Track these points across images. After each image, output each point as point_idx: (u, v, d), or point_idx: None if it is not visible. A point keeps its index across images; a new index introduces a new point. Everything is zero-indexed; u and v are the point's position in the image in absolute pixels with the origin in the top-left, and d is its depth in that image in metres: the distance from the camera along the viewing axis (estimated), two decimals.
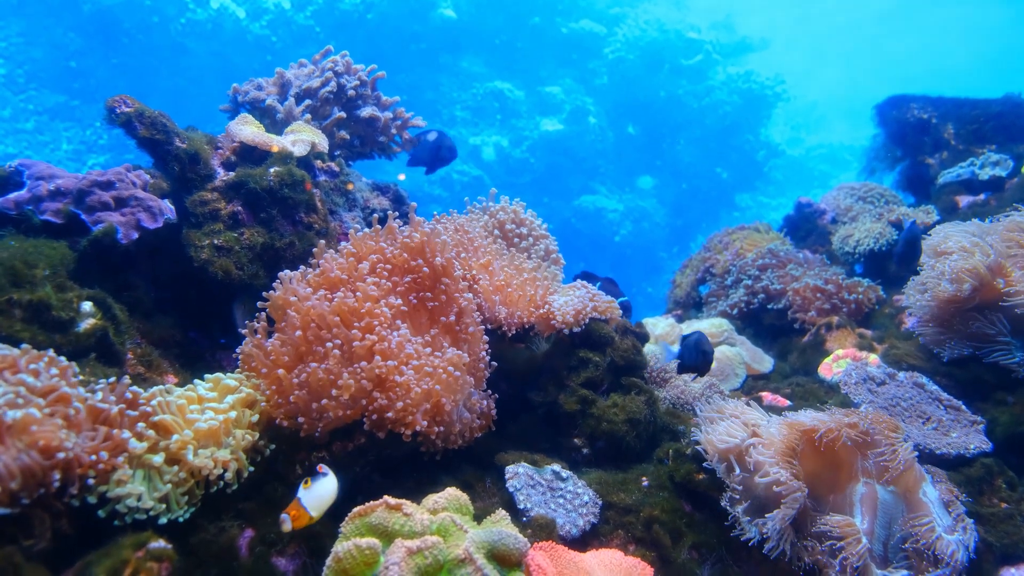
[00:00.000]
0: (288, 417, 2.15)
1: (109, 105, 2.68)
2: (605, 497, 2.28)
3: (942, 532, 1.99)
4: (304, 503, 1.78)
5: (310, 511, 1.78)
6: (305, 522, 1.78)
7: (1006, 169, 4.37)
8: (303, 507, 1.78)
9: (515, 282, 2.79)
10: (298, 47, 14.60)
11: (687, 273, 5.05)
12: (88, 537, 1.71)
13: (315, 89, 3.50)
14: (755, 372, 3.67)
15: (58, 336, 2.13)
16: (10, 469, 1.55)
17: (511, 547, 1.69)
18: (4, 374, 1.70)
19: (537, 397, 2.79)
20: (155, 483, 1.82)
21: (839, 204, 5.01)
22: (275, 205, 2.84)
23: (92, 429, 1.76)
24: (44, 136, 13.78)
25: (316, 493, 1.81)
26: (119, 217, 2.54)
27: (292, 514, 1.76)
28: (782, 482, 1.99)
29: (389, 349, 2.16)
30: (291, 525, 1.76)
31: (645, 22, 17.90)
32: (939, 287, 2.96)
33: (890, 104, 5.32)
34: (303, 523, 1.78)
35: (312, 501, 1.79)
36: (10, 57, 13.69)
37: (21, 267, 2.17)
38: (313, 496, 1.80)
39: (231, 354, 2.82)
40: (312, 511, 1.79)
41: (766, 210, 18.42)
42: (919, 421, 2.78)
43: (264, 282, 2.71)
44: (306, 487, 1.81)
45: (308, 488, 1.81)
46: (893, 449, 2.13)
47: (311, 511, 1.79)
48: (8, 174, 2.54)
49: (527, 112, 16.65)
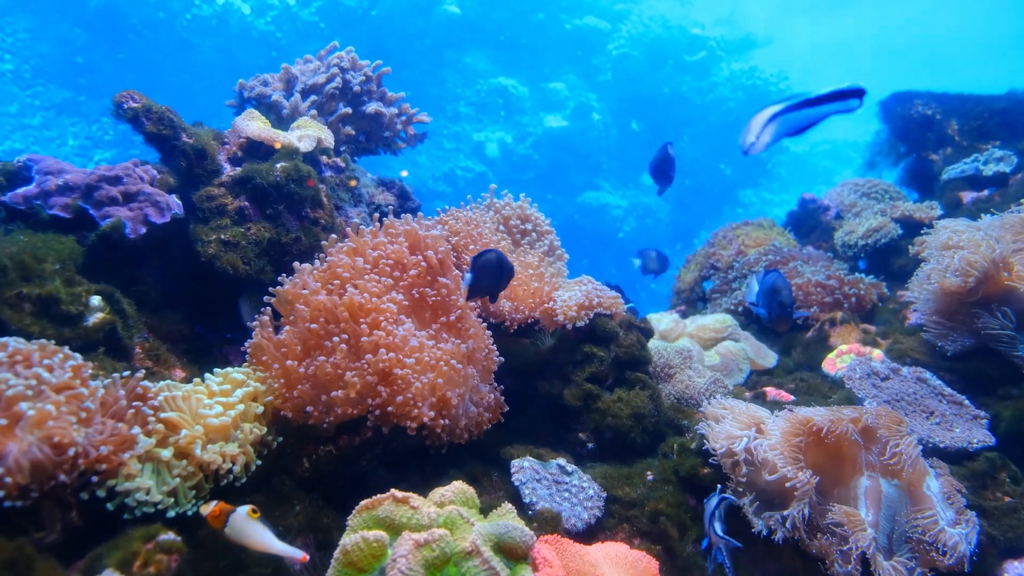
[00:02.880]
0: (296, 410, 2.16)
1: (116, 101, 2.69)
2: (610, 491, 2.29)
3: (945, 525, 2.00)
4: (234, 516, 1.69)
5: (230, 525, 1.69)
6: (216, 520, 1.69)
7: (1010, 165, 4.37)
8: (229, 517, 1.69)
9: (520, 277, 2.80)
10: (303, 43, 14.63)
11: (691, 269, 5.05)
12: (98, 530, 1.73)
13: (321, 85, 3.51)
14: (759, 367, 3.67)
15: (67, 330, 2.15)
16: (20, 463, 1.57)
17: (517, 540, 1.70)
18: (17, 367, 1.71)
19: (542, 392, 2.81)
20: (164, 477, 1.84)
21: (843, 200, 5.00)
22: (281, 200, 2.85)
23: (103, 424, 1.78)
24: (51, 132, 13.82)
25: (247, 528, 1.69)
26: (127, 212, 2.55)
27: (215, 511, 1.69)
28: (791, 478, 2.00)
29: (394, 343, 2.17)
30: (206, 512, 1.71)
31: (649, 18, 17.88)
32: (944, 280, 2.96)
33: (894, 100, 5.31)
34: (215, 519, 1.69)
35: (239, 526, 1.69)
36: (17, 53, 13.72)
37: (30, 261, 2.19)
38: (243, 525, 1.69)
39: (238, 348, 2.83)
40: (232, 527, 1.69)
41: (770, 206, 18.40)
42: (923, 416, 2.78)
43: (271, 277, 2.72)
44: (253, 515, 1.69)
45: (250, 517, 1.69)
46: (897, 444, 2.14)
47: (231, 527, 1.69)
48: (16, 169, 2.56)
49: (531, 108, 16.65)
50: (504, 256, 2.43)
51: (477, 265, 2.39)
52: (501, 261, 2.41)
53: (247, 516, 1.69)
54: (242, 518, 1.69)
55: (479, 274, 2.37)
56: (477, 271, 2.38)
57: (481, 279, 2.38)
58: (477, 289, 2.42)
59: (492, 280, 2.42)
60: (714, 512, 2.02)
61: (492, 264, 2.40)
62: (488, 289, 2.44)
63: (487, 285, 2.42)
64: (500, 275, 2.42)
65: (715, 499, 2.06)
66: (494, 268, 2.40)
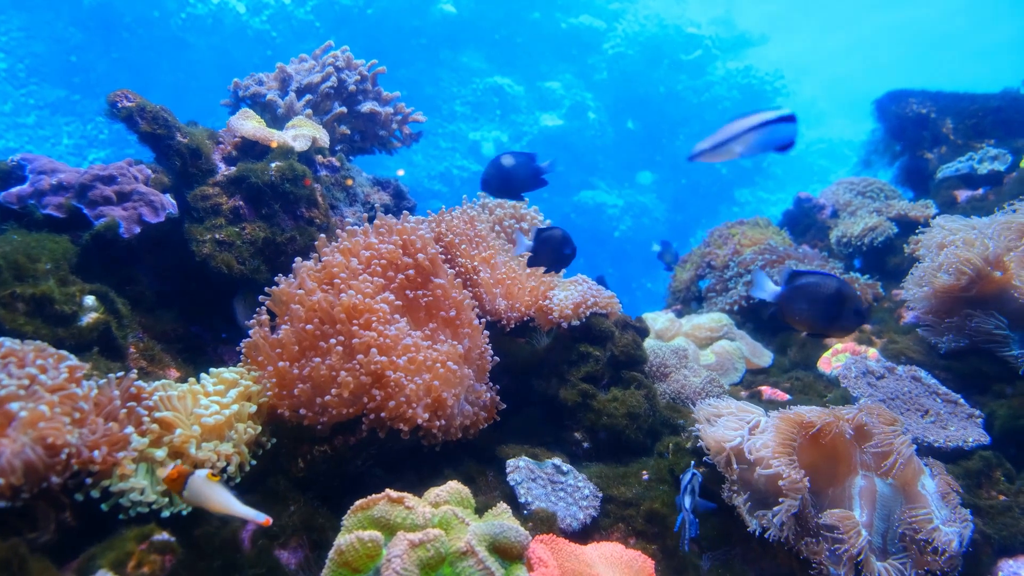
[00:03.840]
0: (291, 409, 2.16)
1: (111, 100, 2.69)
2: (606, 490, 2.29)
3: (940, 524, 2.00)
4: (192, 479, 1.68)
5: (188, 488, 1.67)
6: (174, 483, 1.69)
7: (1004, 163, 4.38)
8: (188, 480, 1.68)
9: (516, 276, 2.80)
10: (298, 42, 14.60)
11: (687, 268, 5.06)
12: (92, 530, 1.73)
13: (316, 84, 3.51)
14: (755, 366, 3.68)
15: (61, 330, 2.14)
16: (12, 464, 1.56)
17: (512, 540, 1.70)
18: (10, 368, 1.71)
19: (538, 391, 2.81)
20: (158, 476, 1.83)
21: (838, 199, 5.01)
22: (276, 200, 2.84)
23: (97, 424, 1.77)
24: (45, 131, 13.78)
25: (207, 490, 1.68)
26: (121, 211, 2.54)
27: (173, 473, 1.69)
28: (784, 476, 2.00)
29: (386, 344, 2.17)
30: (163, 475, 1.72)
31: (644, 17, 17.89)
32: (938, 279, 2.97)
33: (889, 99, 5.32)
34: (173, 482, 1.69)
35: (198, 488, 1.67)
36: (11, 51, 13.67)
37: (24, 261, 2.18)
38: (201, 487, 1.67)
39: (232, 348, 2.83)
40: (190, 490, 1.67)
41: (765, 205, 18.43)
42: (918, 414, 2.79)
43: (265, 277, 2.72)
44: (212, 478, 1.69)
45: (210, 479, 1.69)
46: (890, 442, 2.15)
47: (189, 490, 1.67)
48: (10, 168, 2.55)
49: (527, 107, 16.65)
50: (569, 235, 2.45)
51: (540, 238, 2.40)
52: (566, 239, 2.43)
53: (206, 479, 1.69)
54: (201, 480, 1.68)
55: (540, 246, 2.39)
56: (539, 243, 2.39)
57: (541, 251, 2.40)
58: (536, 260, 2.44)
59: (553, 255, 2.43)
60: (686, 487, 2.02)
61: (556, 240, 2.41)
62: (549, 262, 2.46)
63: (547, 259, 2.45)
64: (562, 251, 2.44)
65: (688, 474, 2.06)
66: (557, 243, 2.41)
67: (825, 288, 2.32)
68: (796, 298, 2.34)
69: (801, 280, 2.34)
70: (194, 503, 1.70)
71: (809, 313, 2.33)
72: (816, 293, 2.31)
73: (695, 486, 2.01)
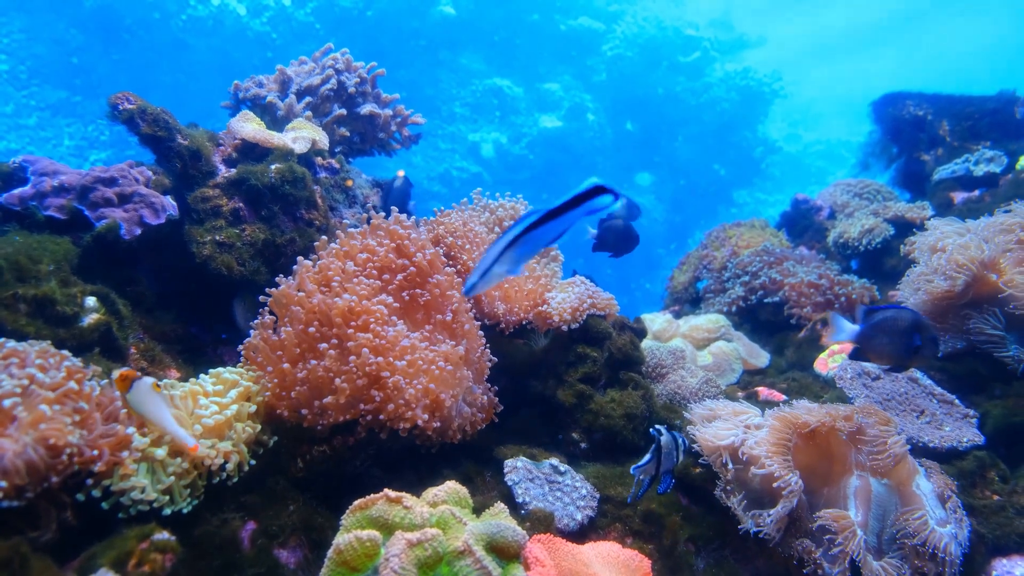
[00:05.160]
0: (290, 410, 2.18)
1: (112, 102, 2.70)
2: (603, 490, 2.31)
3: (935, 525, 2.02)
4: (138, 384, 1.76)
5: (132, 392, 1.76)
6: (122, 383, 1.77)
7: (1000, 165, 4.40)
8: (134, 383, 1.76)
9: (514, 278, 2.81)
10: (298, 44, 14.61)
11: (685, 269, 5.08)
12: (93, 529, 1.74)
13: (316, 86, 3.52)
14: (751, 367, 3.70)
15: (62, 331, 2.16)
16: (15, 464, 1.57)
17: (510, 539, 1.72)
18: (11, 368, 1.72)
19: (536, 392, 2.82)
20: (159, 475, 1.85)
21: (836, 200, 5.03)
22: (276, 202, 2.86)
23: (98, 424, 1.79)
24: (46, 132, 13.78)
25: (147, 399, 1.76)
26: (122, 213, 2.56)
27: (123, 374, 1.77)
28: (777, 476, 2.02)
29: (383, 345, 2.18)
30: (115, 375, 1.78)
31: (643, 19, 17.91)
32: (933, 284, 2.98)
33: (886, 101, 5.34)
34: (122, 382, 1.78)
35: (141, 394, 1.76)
36: (12, 53, 13.68)
37: (26, 262, 2.20)
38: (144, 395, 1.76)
39: (232, 349, 2.84)
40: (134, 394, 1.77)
41: (763, 206, 18.46)
42: (913, 415, 2.81)
43: (265, 278, 2.73)
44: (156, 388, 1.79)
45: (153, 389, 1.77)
46: (885, 442, 2.16)
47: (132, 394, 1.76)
48: (12, 170, 2.56)
49: (526, 109, 16.66)
50: (632, 226, 2.53)
51: (603, 227, 2.48)
52: (629, 229, 2.51)
53: (150, 387, 1.77)
54: (145, 387, 1.77)
55: (603, 234, 2.48)
56: (601, 231, 2.48)
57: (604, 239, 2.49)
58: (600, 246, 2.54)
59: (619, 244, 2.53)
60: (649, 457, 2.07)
61: (617, 230, 2.50)
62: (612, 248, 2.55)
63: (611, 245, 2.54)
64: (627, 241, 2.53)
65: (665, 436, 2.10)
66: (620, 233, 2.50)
67: (902, 321, 2.40)
68: (876, 334, 2.42)
69: (878, 316, 2.43)
70: (135, 408, 1.78)
71: (891, 347, 2.41)
72: (895, 326, 2.40)
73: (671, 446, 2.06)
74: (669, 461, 2.05)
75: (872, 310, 2.46)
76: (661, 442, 2.03)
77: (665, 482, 2.07)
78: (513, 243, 1.43)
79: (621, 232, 2.68)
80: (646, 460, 2.03)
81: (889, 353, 2.43)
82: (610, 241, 2.74)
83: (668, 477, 2.07)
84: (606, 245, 2.75)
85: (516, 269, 1.48)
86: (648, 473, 2.06)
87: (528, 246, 1.45)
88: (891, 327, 2.39)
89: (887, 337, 2.40)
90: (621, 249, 2.72)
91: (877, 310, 2.45)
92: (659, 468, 2.04)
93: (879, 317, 2.42)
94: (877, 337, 2.41)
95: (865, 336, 2.43)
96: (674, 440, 2.07)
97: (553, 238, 1.48)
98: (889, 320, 2.41)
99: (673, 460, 2.06)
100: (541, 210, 1.44)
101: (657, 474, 2.06)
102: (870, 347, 2.44)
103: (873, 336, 2.41)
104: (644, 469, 2.04)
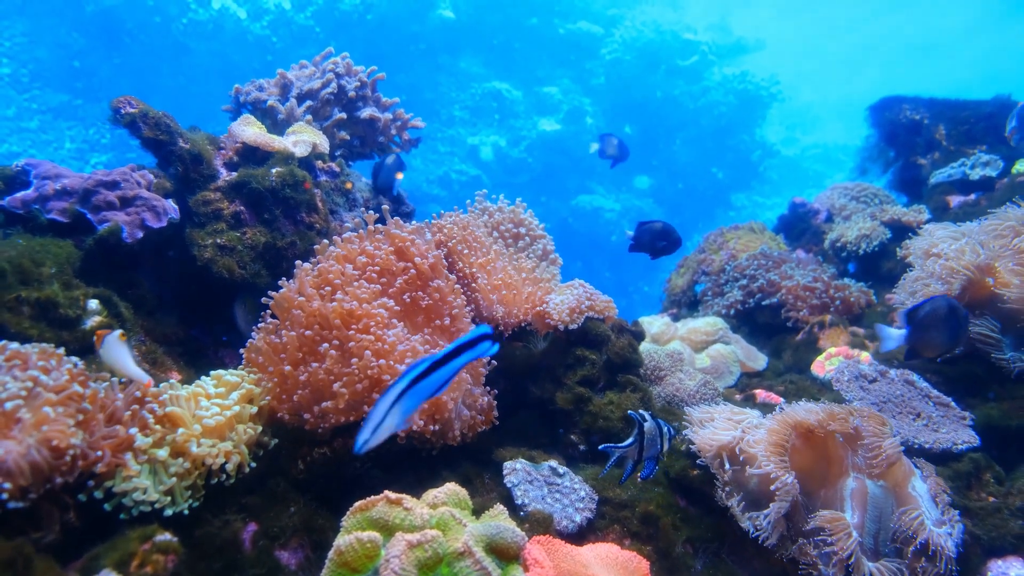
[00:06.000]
0: (292, 413, 2.19)
1: (114, 105, 2.72)
2: (601, 492, 2.32)
3: (931, 526, 2.03)
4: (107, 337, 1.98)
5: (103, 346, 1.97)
6: (97, 339, 1.99)
7: (996, 169, 4.42)
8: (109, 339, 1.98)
9: (513, 281, 2.83)
10: (298, 47, 14.63)
11: (683, 272, 5.10)
12: (96, 530, 1.75)
13: (316, 90, 3.54)
14: (749, 370, 3.71)
15: (65, 333, 2.17)
16: (19, 465, 1.59)
17: (509, 540, 1.73)
18: (14, 371, 1.74)
19: (534, 394, 2.84)
20: (160, 476, 1.86)
21: (833, 204, 5.05)
22: (277, 205, 2.88)
23: (101, 426, 1.80)
24: (48, 135, 13.79)
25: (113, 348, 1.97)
26: (124, 216, 2.58)
27: (99, 333, 2.01)
28: (774, 476, 2.03)
29: (383, 349, 2.20)
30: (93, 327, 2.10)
31: (642, 23, 17.93)
32: (930, 287, 3.00)
33: (883, 105, 5.37)
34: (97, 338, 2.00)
35: (109, 345, 1.97)
36: (14, 57, 13.69)
37: (29, 265, 2.21)
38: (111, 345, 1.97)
39: (233, 352, 2.86)
40: (104, 347, 1.97)
41: (761, 210, 18.47)
42: (909, 417, 2.82)
43: (266, 281, 2.75)
44: (122, 337, 2.00)
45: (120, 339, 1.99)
46: (880, 444, 2.18)
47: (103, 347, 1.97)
48: (15, 173, 2.58)
49: (525, 112, 16.68)
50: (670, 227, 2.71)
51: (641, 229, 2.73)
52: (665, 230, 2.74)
53: (116, 338, 1.98)
54: (112, 338, 1.98)
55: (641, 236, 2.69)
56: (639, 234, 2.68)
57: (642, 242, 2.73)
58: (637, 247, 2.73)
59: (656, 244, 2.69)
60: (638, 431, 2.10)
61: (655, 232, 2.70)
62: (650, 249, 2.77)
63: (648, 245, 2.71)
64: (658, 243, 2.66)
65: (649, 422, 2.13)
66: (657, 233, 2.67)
67: (941, 310, 2.54)
68: (923, 331, 2.55)
69: (920, 314, 2.56)
70: (106, 361, 1.98)
71: (941, 337, 2.56)
72: (936, 318, 2.54)
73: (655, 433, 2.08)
74: (653, 447, 2.07)
75: (911, 311, 2.57)
76: (644, 428, 2.05)
77: (648, 467, 2.09)
78: (400, 397, 1.46)
79: (659, 233, 2.78)
80: (628, 443, 2.06)
81: (941, 343, 2.57)
82: (647, 242, 2.83)
83: (652, 463, 2.09)
84: (643, 246, 2.84)
85: (402, 423, 1.52)
86: (632, 457, 2.07)
87: (416, 398, 1.49)
88: (934, 320, 2.51)
89: (934, 331, 2.52)
90: (659, 250, 2.82)
91: (915, 310, 2.56)
92: (642, 453, 2.06)
93: (921, 315, 2.53)
94: (927, 333, 2.54)
95: (914, 337, 2.56)
96: (659, 427, 2.09)
97: (439, 387, 1.52)
98: (930, 315, 2.52)
99: (657, 447, 2.08)
100: (427, 360, 1.48)
101: (640, 459, 2.08)
102: (923, 345, 2.57)
103: (923, 333, 2.54)
104: (628, 450, 2.06)
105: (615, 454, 2.09)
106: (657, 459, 2.11)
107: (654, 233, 2.86)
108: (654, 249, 2.92)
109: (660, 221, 2.87)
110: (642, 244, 2.92)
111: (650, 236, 2.87)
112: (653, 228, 2.88)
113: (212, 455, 1.94)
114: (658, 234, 2.85)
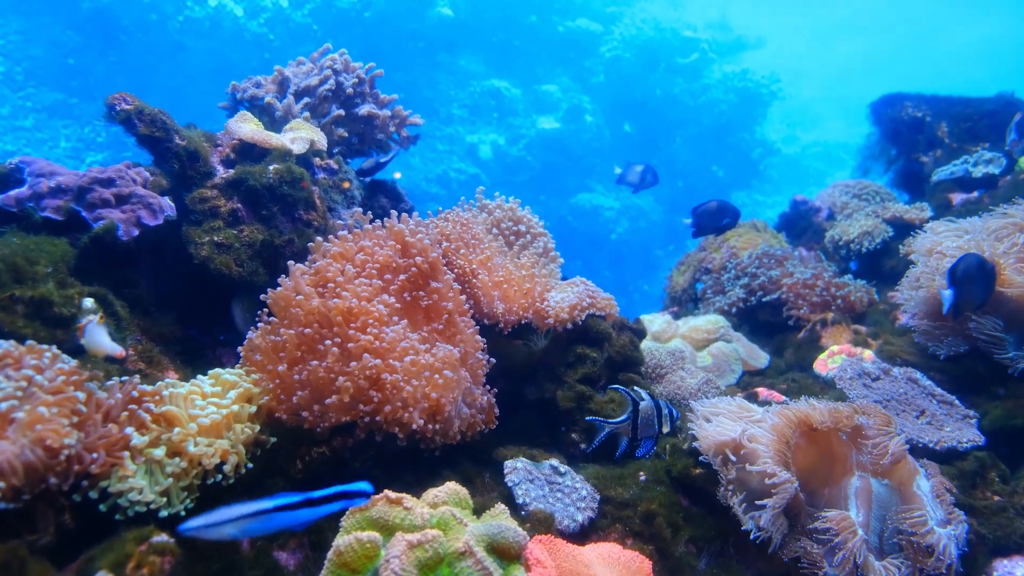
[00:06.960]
0: (290, 413, 2.17)
1: (109, 103, 2.69)
2: (603, 491, 2.30)
3: (934, 525, 2.01)
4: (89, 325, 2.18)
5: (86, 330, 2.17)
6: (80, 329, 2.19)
7: (999, 167, 4.40)
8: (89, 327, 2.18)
9: (513, 278, 2.81)
10: (296, 45, 14.60)
11: (683, 271, 5.07)
12: (91, 532, 1.73)
13: (314, 87, 3.51)
14: (751, 368, 3.69)
15: (59, 332, 2.15)
16: (12, 465, 1.57)
17: (510, 540, 1.71)
18: (7, 370, 1.71)
19: (535, 393, 2.81)
20: (156, 477, 1.84)
21: (834, 201, 5.03)
22: (275, 202, 2.85)
23: (96, 426, 1.78)
24: (43, 133, 13.76)
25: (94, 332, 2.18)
26: (120, 214, 2.55)
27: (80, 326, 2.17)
28: (771, 473, 2.01)
29: (382, 347, 2.17)
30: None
31: (641, 21, 17.94)
32: (933, 284, 2.98)
33: (884, 102, 5.35)
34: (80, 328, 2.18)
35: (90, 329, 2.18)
36: (9, 55, 13.67)
37: (23, 264, 2.19)
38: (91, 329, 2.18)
39: (231, 350, 2.84)
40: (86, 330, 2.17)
41: (762, 208, 18.46)
42: (913, 415, 2.80)
43: (264, 279, 2.72)
44: (100, 321, 2.22)
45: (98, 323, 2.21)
46: (885, 442, 2.16)
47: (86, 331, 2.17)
48: (9, 171, 2.55)
49: (524, 110, 16.67)
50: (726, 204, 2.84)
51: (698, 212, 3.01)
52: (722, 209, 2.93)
53: (96, 322, 2.20)
54: (93, 324, 2.18)
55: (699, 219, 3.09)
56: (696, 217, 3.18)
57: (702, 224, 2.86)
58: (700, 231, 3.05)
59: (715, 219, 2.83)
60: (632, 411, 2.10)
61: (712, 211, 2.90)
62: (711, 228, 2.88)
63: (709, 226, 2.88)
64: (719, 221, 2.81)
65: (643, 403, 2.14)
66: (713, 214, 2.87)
67: (972, 265, 2.66)
68: (963, 286, 2.67)
69: (958, 272, 2.67)
70: (89, 347, 2.15)
71: (975, 291, 2.68)
72: (968, 272, 2.65)
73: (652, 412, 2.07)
74: (649, 428, 2.06)
75: (952, 270, 2.68)
76: (640, 407, 2.04)
77: (645, 447, 2.07)
78: (257, 515, 1.44)
79: (717, 212, 2.93)
80: (620, 419, 2.05)
81: (977, 296, 2.70)
82: (708, 224, 2.95)
83: (650, 443, 2.07)
84: (706, 229, 3.08)
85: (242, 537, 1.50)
86: (626, 434, 2.06)
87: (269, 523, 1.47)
88: (969, 275, 2.64)
89: (971, 285, 2.65)
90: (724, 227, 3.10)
91: (954, 268, 2.67)
92: (636, 431, 2.04)
93: (959, 273, 2.65)
94: (966, 288, 2.65)
95: (959, 293, 2.67)
96: (657, 407, 2.07)
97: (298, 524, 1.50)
98: (966, 271, 2.65)
99: (654, 427, 2.07)
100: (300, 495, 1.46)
101: (634, 436, 2.06)
102: (964, 301, 2.71)
103: (963, 288, 2.66)
104: (621, 427, 2.05)
105: (605, 429, 2.07)
106: (655, 439, 2.09)
107: (712, 213, 2.98)
108: (719, 228, 3.03)
109: (713, 200, 3.00)
110: (704, 228, 3.05)
111: (709, 217, 2.99)
112: (709, 208, 3.02)
113: (209, 454, 1.92)
114: (717, 213, 2.97)
